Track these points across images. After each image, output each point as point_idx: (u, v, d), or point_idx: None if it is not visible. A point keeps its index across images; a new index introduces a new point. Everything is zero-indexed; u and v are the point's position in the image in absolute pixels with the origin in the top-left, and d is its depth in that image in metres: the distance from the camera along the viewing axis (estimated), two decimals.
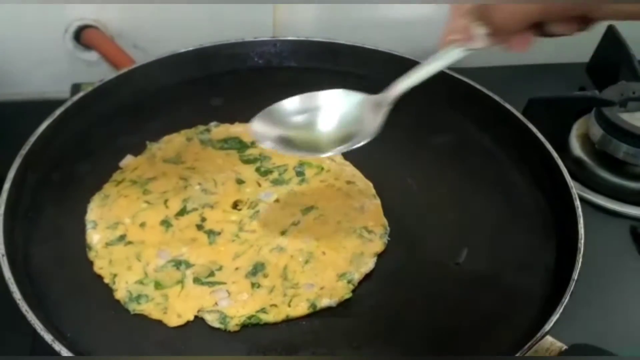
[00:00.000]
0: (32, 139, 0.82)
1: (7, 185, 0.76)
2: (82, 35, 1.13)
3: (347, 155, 0.89)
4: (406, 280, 0.76)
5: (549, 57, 1.21)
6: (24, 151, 0.80)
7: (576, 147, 1.02)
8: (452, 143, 0.91)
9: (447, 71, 0.95)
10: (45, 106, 0.87)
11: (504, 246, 0.79)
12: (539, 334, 0.66)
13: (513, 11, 0.59)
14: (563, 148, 1.01)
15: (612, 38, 1.16)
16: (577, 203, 0.78)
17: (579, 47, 1.19)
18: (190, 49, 0.97)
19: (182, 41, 1.01)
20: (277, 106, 0.73)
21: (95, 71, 1.17)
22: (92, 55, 1.15)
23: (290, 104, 0.74)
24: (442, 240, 0.80)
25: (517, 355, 0.65)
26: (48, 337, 0.65)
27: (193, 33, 1.03)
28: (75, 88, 1.09)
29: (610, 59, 1.15)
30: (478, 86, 0.93)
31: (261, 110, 0.91)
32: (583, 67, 1.20)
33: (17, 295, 0.67)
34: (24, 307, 0.66)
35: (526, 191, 0.85)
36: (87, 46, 1.14)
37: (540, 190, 0.85)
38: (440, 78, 0.95)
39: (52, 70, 1.17)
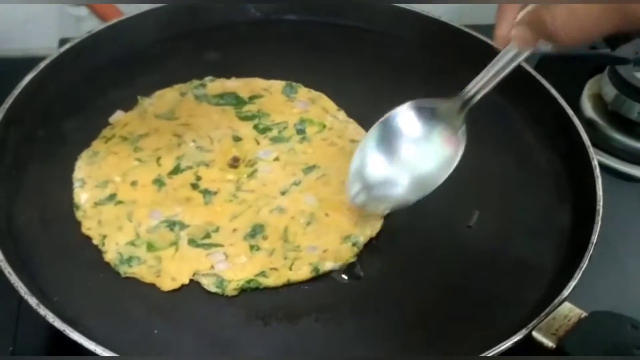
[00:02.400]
0: (16, 92, 0.77)
1: None
2: None
3: (350, 113, 0.84)
4: (414, 243, 0.72)
5: None
6: (6, 105, 0.75)
7: (588, 108, 0.98)
8: None
9: (458, 26, 0.91)
10: (33, 63, 0.82)
11: (517, 208, 0.75)
12: (556, 300, 0.62)
13: (581, 27, 0.51)
14: (574, 109, 0.97)
15: None
16: (595, 163, 0.75)
17: None
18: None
19: None
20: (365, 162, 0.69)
21: (84, 27, 1.11)
22: (81, 10, 1.10)
23: (376, 152, 0.69)
24: (452, 203, 0.75)
25: (534, 322, 0.61)
26: (32, 301, 0.60)
27: None
28: (64, 43, 1.04)
29: None
30: (489, 41, 0.88)
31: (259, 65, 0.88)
32: None
33: None
34: (7, 269, 0.62)
35: (539, 151, 0.81)
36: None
37: (554, 149, 0.81)
38: (449, 33, 0.91)
39: (39, 25, 1.11)
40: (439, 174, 0.67)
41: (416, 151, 0.68)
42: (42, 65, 0.80)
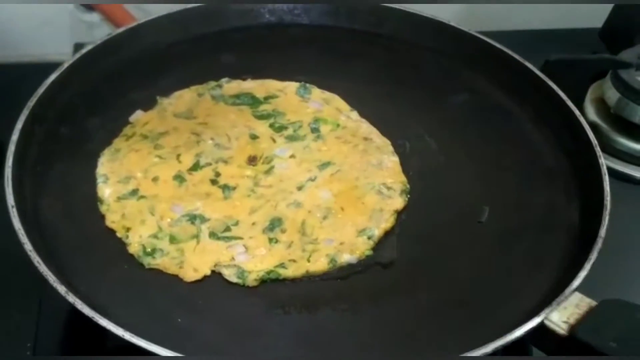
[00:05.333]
0: (40, 90, 0.79)
1: (14, 137, 0.74)
2: None
3: (363, 113, 0.86)
4: (428, 238, 0.74)
5: (560, 22, 1.20)
6: (31, 103, 0.77)
7: (591, 111, 1.00)
8: (470, 102, 0.89)
9: (467, 30, 0.93)
10: (47, 68, 0.84)
11: (526, 205, 0.77)
12: (567, 290, 0.64)
13: None
14: None
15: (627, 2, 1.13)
16: (602, 161, 0.77)
17: (591, 11, 1.17)
18: (200, 4, 0.94)
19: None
20: None
21: (97, 33, 1.14)
22: (94, 17, 1.13)
23: None
24: (463, 199, 0.78)
25: (546, 310, 0.63)
26: (61, 289, 0.62)
27: None
28: (78, 48, 1.06)
29: (624, 23, 1.12)
30: (498, 45, 0.91)
31: (273, 67, 0.90)
32: (595, 33, 1.18)
33: (27, 246, 0.65)
34: (35, 258, 0.64)
35: (547, 150, 0.83)
36: (89, 7, 1.11)
37: (561, 148, 0.82)
38: (459, 37, 0.94)
39: (53, 32, 1.14)
40: None
41: None
42: (65, 65, 0.82)
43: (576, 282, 0.65)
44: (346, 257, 0.70)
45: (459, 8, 1.19)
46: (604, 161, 0.75)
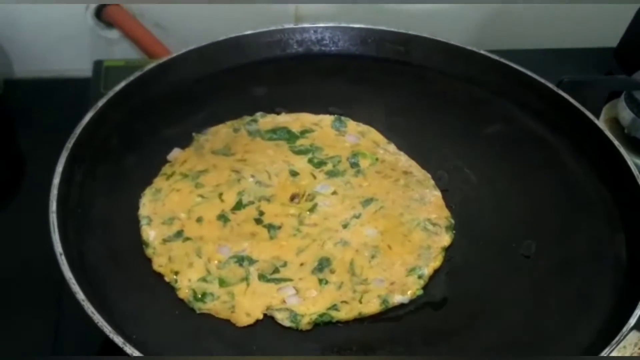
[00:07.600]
0: (77, 130, 0.78)
1: (56, 181, 0.73)
2: (104, 12, 1.10)
3: (398, 145, 0.86)
4: (477, 274, 0.74)
5: (575, 41, 1.21)
6: (69, 144, 0.77)
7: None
8: (505, 132, 0.89)
9: (497, 58, 0.93)
10: (66, 84, 0.83)
11: (572, 238, 0.77)
12: (625, 329, 0.64)
13: None
14: None
15: None
16: None
17: (606, 31, 1.18)
18: (229, 36, 0.93)
19: (203, 20, 1.01)
20: None
21: (116, 49, 1.15)
22: (114, 33, 1.14)
23: None
24: (509, 233, 0.77)
25: (606, 350, 0.63)
26: (118, 340, 0.62)
27: (214, 13, 1.03)
28: (98, 65, 1.08)
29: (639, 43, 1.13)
30: (529, 73, 0.91)
31: (304, 100, 0.90)
32: (610, 52, 1.19)
33: (80, 296, 0.64)
34: (89, 308, 0.63)
35: (586, 180, 0.82)
36: (109, 23, 1.12)
37: (601, 179, 0.82)
38: (488, 64, 0.94)
39: (72, 47, 1.15)
40: None
41: None
42: (99, 104, 0.81)
43: (633, 320, 0.65)
44: (398, 298, 0.70)
45: (470, 24, 1.20)
46: None
